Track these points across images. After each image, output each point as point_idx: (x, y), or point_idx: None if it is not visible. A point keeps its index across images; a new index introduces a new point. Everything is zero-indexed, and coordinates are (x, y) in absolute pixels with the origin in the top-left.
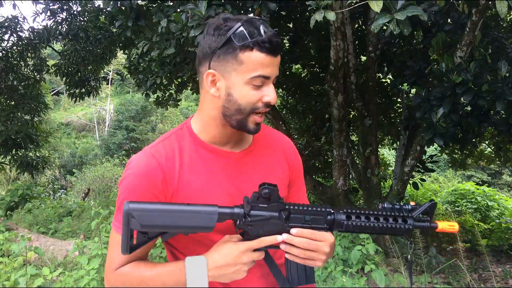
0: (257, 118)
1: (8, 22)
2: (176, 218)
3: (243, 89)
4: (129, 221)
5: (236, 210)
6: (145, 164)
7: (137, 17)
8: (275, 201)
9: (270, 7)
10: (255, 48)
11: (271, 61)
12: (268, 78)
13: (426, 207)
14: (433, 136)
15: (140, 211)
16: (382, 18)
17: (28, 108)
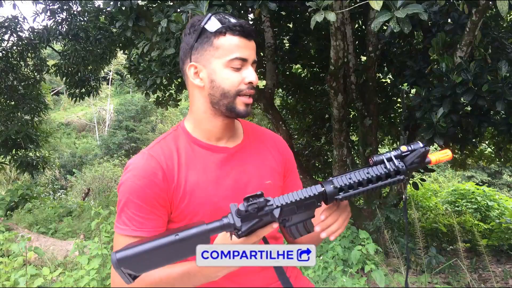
0: (245, 99)
1: (8, 22)
2: (168, 252)
3: (224, 73)
4: (123, 271)
5: (225, 221)
6: (145, 164)
7: (137, 17)
8: (263, 208)
9: (270, 7)
10: (227, 33)
11: (246, 44)
12: (245, 60)
13: (419, 154)
14: (433, 136)
15: (128, 260)
16: (383, 16)
17: (28, 108)
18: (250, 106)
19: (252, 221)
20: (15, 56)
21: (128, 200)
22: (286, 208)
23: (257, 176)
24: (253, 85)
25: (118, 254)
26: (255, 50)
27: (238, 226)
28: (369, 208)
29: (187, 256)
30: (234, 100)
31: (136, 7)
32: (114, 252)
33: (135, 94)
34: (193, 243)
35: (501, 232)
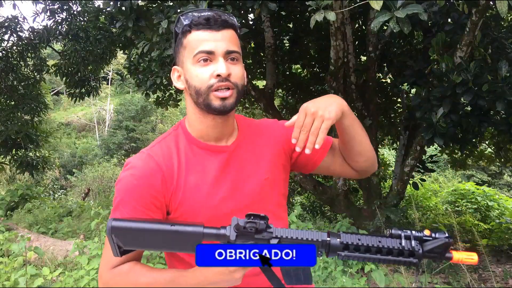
0: (218, 93)
1: (8, 22)
2: (159, 238)
3: (192, 70)
4: (112, 238)
5: (222, 232)
6: (144, 164)
7: (137, 17)
8: (261, 231)
9: (270, 7)
10: (192, 30)
11: (211, 36)
12: (211, 53)
13: (441, 243)
14: (433, 136)
15: (122, 231)
16: (382, 16)
17: (28, 108)
18: (229, 100)
19: (247, 241)
20: (15, 56)
21: (123, 199)
22: (284, 241)
23: (254, 173)
24: (223, 78)
25: (114, 222)
26: (228, 40)
27: (232, 240)
28: (369, 208)
29: (173, 249)
30: (208, 96)
31: (136, 8)
32: (111, 219)
33: (135, 94)
34: (185, 239)
35: (501, 232)
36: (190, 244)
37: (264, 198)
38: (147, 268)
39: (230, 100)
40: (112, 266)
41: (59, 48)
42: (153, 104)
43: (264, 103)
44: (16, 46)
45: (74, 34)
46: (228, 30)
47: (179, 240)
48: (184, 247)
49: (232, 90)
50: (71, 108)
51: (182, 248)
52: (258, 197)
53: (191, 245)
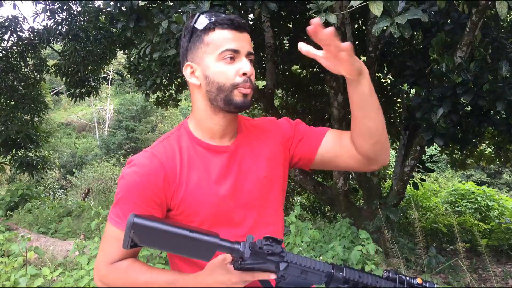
0: (242, 89)
1: (8, 22)
2: (175, 242)
3: (216, 67)
4: (130, 233)
5: (236, 247)
6: (147, 162)
7: (138, 18)
8: (277, 254)
9: (270, 7)
10: (216, 28)
11: (236, 36)
12: (237, 52)
13: None
14: (433, 136)
15: (142, 228)
16: (383, 22)
17: (28, 108)
18: (249, 97)
19: (258, 260)
20: (15, 56)
21: (125, 195)
22: (292, 266)
23: (253, 171)
24: (248, 77)
25: (136, 218)
26: (248, 42)
27: (246, 257)
28: (369, 208)
29: (186, 254)
30: (231, 93)
31: (136, 8)
32: (133, 214)
33: (135, 94)
34: (200, 247)
35: (501, 232)
36: (204, 252)
37: (264, 195)
38: (146, 267)
39: (249, 97)
40: (110, 262)
41: (59, 48)
42: (153, 104)
43: (264, 103)
44: (16, 46)
45: (74, 34)
46: (247, 34)
47: (194, 247)
48: (197, 254)
49: (251, 90)
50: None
51: (196, 255)
52: (257, 195)
53: (205, 253)
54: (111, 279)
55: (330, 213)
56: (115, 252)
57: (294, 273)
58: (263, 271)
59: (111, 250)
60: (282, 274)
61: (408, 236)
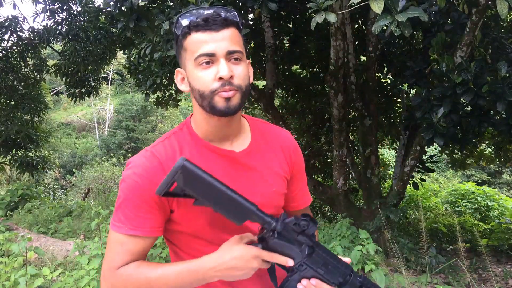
0: (223, 93)
1: (8, 22)
2: (216, 196)
3: (194, 73)
4: (176, 174)
5: (268, 220)
6: (146, 163)
7: (138, 18)
8: (308, 236)
9: (270, 7)
10: (192, 31)
11: (211, 37)
12: (212, 55)
13: None
14: (433, 136)
15: (189, 172)
16: (383, 20)
17: (28, 108)
18: (234, 100)
19: (288, 237)
20: (15, 56)
21: (126, 198)
22: (316, 254)
23: (263, 183)
24: (226, 81)
25: (186, 162)
26: (230, 39)
27: (278, 230)
28: (369, 208)
29: (220, 211)
30: (212, 100)
31: (136, 8)
32: (183, 158)
33: (135, 94)
34: (237, 209)
35: (501, 232)
36: (237, 214)
37: (269, 208)
38: (155, 264)
39: (234, 101)
40: (117, 267)
41: (59, 48)
42: (153, 104)
43: (264, 103)
44: (16, 46)
45: (74, 34)
46: (229, 28)
47: (231, 206)
48: (231, 214)
49: (234, 91)
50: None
51: (229, 214)
52: (264, 207)
53: (238, 215)
54: (121, 282)
55: (330, 213)
56: (120, 256)
57: (315, 263)
58: (284, 254)
59: (116, 255)
60: (302, 263)
61: (408, 236)
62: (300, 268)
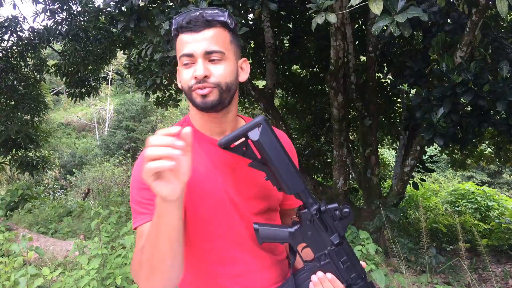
0: (198, 91)
1: (8, 22)
2: (281, 158)
3: (180, 72)
4: (251, 127)
5: (311, 201)
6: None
7: (138, 18)
8: (343, 226)
9: (271, 7)
10: (179, 33)
11: (191, 38)
12: (191, 56)
13: None
14: (433, 136)
15: (265, 130)
16: (383, 21)
17: (28, 108)
18: (211, 96)
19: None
20: (15, 56)
21: (138, 189)
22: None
23: (260, 177)
24: (199, 79)
25: (265, 121)
26: (209, 40)
27: (313, 213)
28: (369, 208)
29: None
30: (191, 95)
31: (136, 8)
32: (262, 115)
33: (135, 94)
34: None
35: (501, 232)
36: (291, 184)
37: (268, 200)
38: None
39: (210, 97)
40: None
41: (59, 48)
42: (153, 104)
43: (264, 103)
44: (16, 46)
45: (74, 34)
46: (210, 29)
47: (289, 175)
48: (286, 181)
49: (211, 88)
50: (71, 108)
51: (285, 180)
52: (262, 200)
53: (291, 185)
54: (133, 264)
55: None
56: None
57: (339, 255)
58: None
59: (141, 243)
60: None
61: (408, 236)
62: (320, 258)
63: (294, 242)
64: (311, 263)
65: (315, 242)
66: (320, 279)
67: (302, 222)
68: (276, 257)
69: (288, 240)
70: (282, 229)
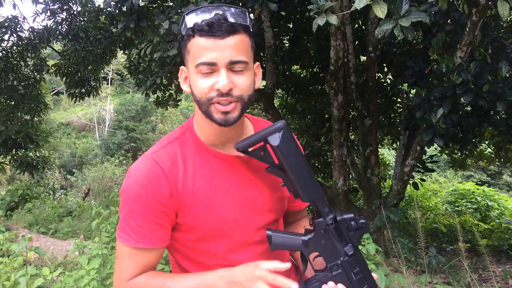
0: (219, 107)
1: (8, 22)
2: (299, 166)
3: (194, 79)
4: (272, 132)
5: (327, 210)
6: (148, 171)
7: (138, 18)
8: (358, 236)
9: (271, 7)
10: (196, 35)
11: (215, 45)
12: (213, 65)
13: None
14: (433, 136)
15: (286, 135)
16: (386, 24)
17: (28, 108)
18: (233, 113)
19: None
20: (15, 56)
21: (131, 210)
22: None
23: (266, 190)
24: (223, 92)
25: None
26: (234, 48)
27: (329, 223)
28: (369, 208)
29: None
30: (208, 108)
31: (137, 8)
32: (283, 121)
33: (135, 94)
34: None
35: (501, 232)
36: (309, 191)
37: (273, 214)
38: (165, 273)
39: (233, 114)
40: (128, 279)
41: (59, 48)
42: (153, 104)
43: (264, 103)
44: (16, 46)
45: (74, 34)
46: (235, 35)
47: (307, 182)
48: (304, 189)
49: (235, 103)
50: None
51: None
52: (267, 213)
53: (309, 193)
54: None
55: None
56: (130, 269)
57: (352, 266)
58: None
59: (126, 268)
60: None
61: (408, 236)
62: (332, 269)
63: (307, 251)
64: (323, 273)
65: (328, 251)
66: None
67: (316, 230)
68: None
69: (301, 248)
70: (295, 237)
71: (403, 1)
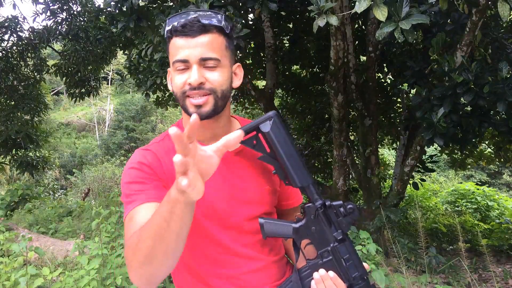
0: (192, 100)
1: (8, 22)
2: (290, 152)
3: (172, 76)
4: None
5: (317, 196)
6: (144, 154)
7: (138, 18)
8: (347, 222)
9: (270, 7)
10: (173, 36)
11: (186, 43)
12: (186, 62)
13: None
14: (433, 136)
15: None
16: (387, 27)
17: (28, 108)
18: (206, 107)
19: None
20: (15, 56)
21: (130, 179)
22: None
23: (255, 182)
24: (194, 86)
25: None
26: (205, 46)
27: (319, 208)
28: (369, 208)
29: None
30: (184, 102)
31: (137, 8)
32: (274, 111)
33: (135, 94)
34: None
35: (501, 232)
36: (300, 177)
37: (263, 205)
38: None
39: (205, 108)
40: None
41: (59, 48)
42: (153, 104)
43: (264, 103)
44: (16, 46)
45: (74, 34)
46: (206, 34)
47: (297, 168)
48: (295, 174)
49: (207, 96)
50: (71, 108)
51: (294, 173)
52: (256, 205)
53: (300, 178)
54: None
55: None
56: (131, 229)
57: (343, 252)
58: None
59: (131, 229)
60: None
61: (408, 236)
62: (323, 255)
63: (298, 238)
64: (314, 260)
65: (319, 238)
66: (322, 276)
67: (306, 217)
68: (271, 258)
69: (291, 235)
70: (286, 224)
71: (403, 3)
